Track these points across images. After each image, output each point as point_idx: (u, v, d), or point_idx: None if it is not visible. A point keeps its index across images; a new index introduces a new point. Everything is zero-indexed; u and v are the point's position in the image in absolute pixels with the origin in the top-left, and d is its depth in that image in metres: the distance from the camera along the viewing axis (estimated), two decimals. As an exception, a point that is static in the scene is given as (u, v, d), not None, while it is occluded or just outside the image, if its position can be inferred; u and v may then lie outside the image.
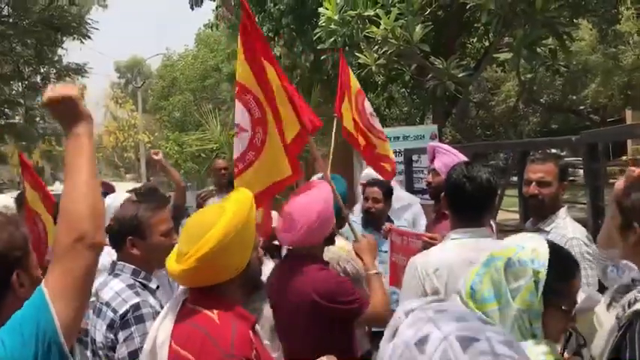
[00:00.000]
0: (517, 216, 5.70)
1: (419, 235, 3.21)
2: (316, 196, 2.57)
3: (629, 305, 1.78)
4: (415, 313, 1.01)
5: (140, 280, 2.40)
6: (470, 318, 0.98)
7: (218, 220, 1.82)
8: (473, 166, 2.39)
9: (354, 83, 4.13)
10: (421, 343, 0.94)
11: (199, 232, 1.80)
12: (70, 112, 1.47)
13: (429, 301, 1.04)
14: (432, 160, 3.48)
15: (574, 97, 23.10)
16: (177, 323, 1.84)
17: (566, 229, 2.84)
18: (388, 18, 6.34)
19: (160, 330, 1.85)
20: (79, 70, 19.03)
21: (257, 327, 1.90)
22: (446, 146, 3.59)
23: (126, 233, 2.42)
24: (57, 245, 1.36)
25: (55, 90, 1.48)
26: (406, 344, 0.96)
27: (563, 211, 2.92)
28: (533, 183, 2.89)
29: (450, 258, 2.27)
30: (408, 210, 4.60)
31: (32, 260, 1.54)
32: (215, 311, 1.81)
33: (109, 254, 2.52)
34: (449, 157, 3.36)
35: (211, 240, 1.77)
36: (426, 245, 2.82)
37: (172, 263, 1.86)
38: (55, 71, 19.05)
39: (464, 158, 3.22)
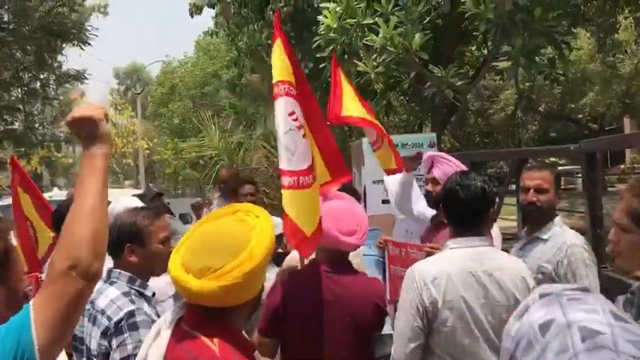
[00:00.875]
0: (515, 224, 5.69)
1: (420, 247, 3.18)
2: (354, 202, 2.72)
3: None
4: (550, 298, 1.02)
5: (136, 287, 2.39)
6: (603, 311, 0.97)
7: (250, 235, 1.66)
8: (467, 174, 2.42)
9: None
10: (545, 326, 0.96)
11: (234, 245, 1.63)
12: (88, 131, 1.47)
13: (568, 288, 1.05)
14: (429, 170, 3.47)
15: (572, 106, 23.17)
16: (172, 345, 1.64)
17: (565, 236, 2.83)
18: (387, 26, 6.36)
19: (153, 349, 1.67)
20: (79, 77, 19.10)
21: (257, 354, 1.78)
22: (446, 155, 3.59)
23: (125, 240, 2.41)
24: (51, 267, 1.32)
25: (79, 110, 1.49)
26: (531, 324, 0.98)
27: (558, 219, 2.92)
28: (531, 190, 2.88)
29: (448, 267, 2.27)
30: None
31: (14, 274, 1.48)
32: (215, 340, 1.61)
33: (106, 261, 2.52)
34: (449, 166, 3.36)
35: (257, 255, 1.62)
36: (430, 255, 2.82)
37: (192, 279, 1.60)
38: (54, 77, 19.11)
39: (464, 167, 3.22)
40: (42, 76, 18.63)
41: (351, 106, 3.60)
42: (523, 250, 2.94)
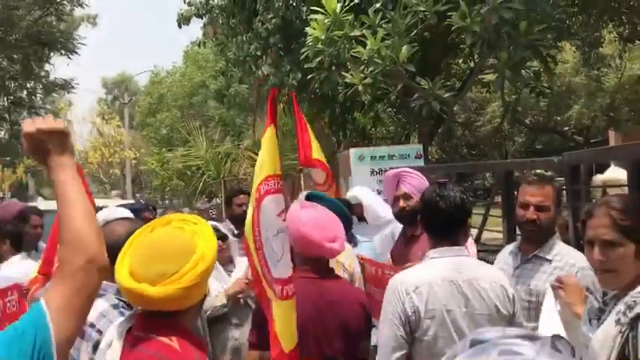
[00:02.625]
0: (501, 235, 5.71)
1: (396, 268, 3.05)
2: (328, 210, 2.75)
3: (630, 309, 1.78)
4: (483, 347, 0.88)
5: (124, 299, 2.36)
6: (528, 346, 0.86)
7: (195, 239, 1.75)
8: (444, 185, 2.44)
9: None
10: None
11: (184, 250, 1.70)
12: (59, 143, 1.49)
13: (508, 335, 0.90)
14: (396, 187, 3.45)
15: (558, 118, 23.38)
16: (127, 352, 1.68)
17: (571, 256, 2.71)
18: (375, 38, 6.40)
19: None
20: (66, 86, 19.01)
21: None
22: (408, 169, 3.58)
23: (118, 251, 2.40)
24: (65, 265, 1.37)
25: (44, 123, 1.50)
26: None
27: (556, 236, 2.81)
28: (531, 208, 2.74)
29: (430, 276, 2.29)
30: (389, 225, 4.59)
31: None
32: (173, 338, 1.68)
33: None
34: (416, 180, 3.38)
35: (208, 256, 1.72)
36: None
37: (148, 287, 1.65)
38: (41, 87, 19.00)
39: (427, 183, 3.27)
40: (28, 85, 18.52)
41: (316, 148, 3.94)
42: (521, 269, 2.82)
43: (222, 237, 3.51)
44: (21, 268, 3.62)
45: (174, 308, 1.71)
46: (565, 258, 2.71)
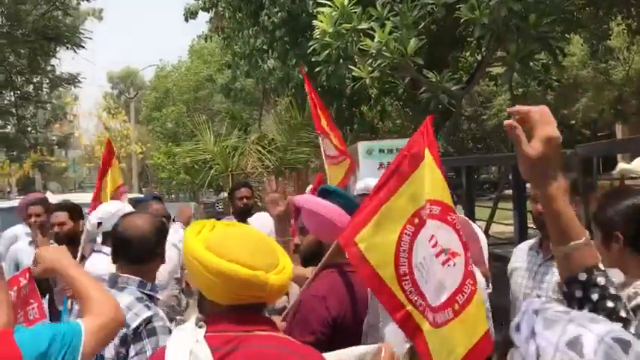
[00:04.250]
0: (512, 228, 5.69)
1: None
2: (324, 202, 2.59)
3: (629, 300, 1.79)
4: (543, 314, 1.02)
5: (147, 292, 2.37)
6: (605, 320, 1.00)
7: (264, 235, 1.77)
8: None
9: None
10: (573, 345, 0.95)
11: (270, 244, 1.72)
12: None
13: (543, 302, 1.06)
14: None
15: (565, 112, 23.29)
16: (225, 354, 1.52)
17: None
18: (382, 31, 6.37)
19: None
20: (72, 81, 19.04)
21: None
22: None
23: (146, 246, 2.45)
24: (101, 316, 1.80)
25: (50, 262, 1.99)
26: (556, 347, 0.96)
27: None
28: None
29: None
30: None
31: None
32: (281, 334, 1.65)
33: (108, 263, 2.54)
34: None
35: (285, 252, 1.73)
36: None
37: (270, 275, 1.58)
38: (47, 81, 19.04)
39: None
40: (35, 80, 18.57)
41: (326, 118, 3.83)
42: (544, 266, 2.78)
43: None
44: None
45: (275, 300, 1.78)
46: None
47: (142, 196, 10.42)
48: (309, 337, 2.37)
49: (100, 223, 3.45)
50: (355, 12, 6.73)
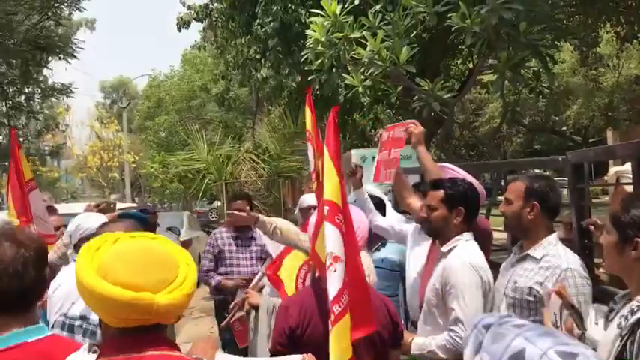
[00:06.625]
0: (505, 235, 5.72)
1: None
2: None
3: (632, 313, 1.79)
4: (494, 328, 1.03)
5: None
6: (557, 334, 1.01)
7: (168, 247, 1.64)
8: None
9: None
10: (516, 359, 0.97)
11: (170, 257, 1.60)
12: None
13: (501, 317, 1.08)
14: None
15: (556, 119, 23.46)
16: None
17: (560, 258, 2.66)
18: (375, 40, 6.41)
19: None
20: (64, 90, 19.01)
21: None
22: (448, 165, 3.73)
23: None
24: None
25: None
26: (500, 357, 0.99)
27: (553, 237, 2.76)
28: (503, 202, 2.90)
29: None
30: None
31: None
32: (177, 352, 1.57)
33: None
34: (452, 174, 3.39)
35: (192, 264, 1.62)
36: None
37: (155, 295, 1.50)
38: (40, 91, 18.98)
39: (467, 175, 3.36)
40: (27, 90, 18.52)
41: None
42: (514, 267, 2.82)
43: None
44: None
45: (172, 320, 1.59)
46: (553, 260, 2.65)
47: (135, 205, 10.39)
48: (270, 346, 2.42)
49: None
50: (347, 21, 6.77)
